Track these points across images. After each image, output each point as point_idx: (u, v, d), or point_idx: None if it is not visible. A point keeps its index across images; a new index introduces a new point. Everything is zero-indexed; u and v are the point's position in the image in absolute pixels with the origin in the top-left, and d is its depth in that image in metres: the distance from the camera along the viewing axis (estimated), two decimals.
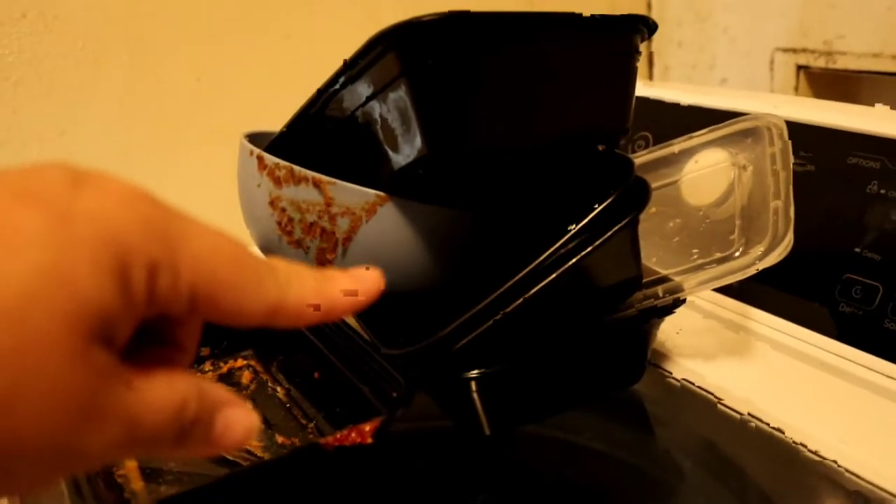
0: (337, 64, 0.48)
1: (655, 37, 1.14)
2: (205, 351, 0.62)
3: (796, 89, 1.01)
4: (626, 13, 0.49)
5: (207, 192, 0.90)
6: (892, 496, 0.46)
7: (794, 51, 1.00)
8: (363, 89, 0.47)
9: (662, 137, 0.68)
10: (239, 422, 0.26)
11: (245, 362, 0.62)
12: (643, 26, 0.49)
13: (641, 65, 1.15)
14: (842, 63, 0.95)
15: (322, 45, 0.94)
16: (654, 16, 1.15)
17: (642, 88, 0.80)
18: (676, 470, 0.54)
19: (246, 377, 0.60)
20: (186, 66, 0.88)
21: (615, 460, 0.54)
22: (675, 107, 0.76)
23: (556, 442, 0.54)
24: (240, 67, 0.91)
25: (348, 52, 0.46)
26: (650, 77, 1.16)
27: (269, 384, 0.59)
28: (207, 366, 0.61)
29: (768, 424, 0.53)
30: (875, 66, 0.92)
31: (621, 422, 0.57)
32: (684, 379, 0.58)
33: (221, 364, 0.62)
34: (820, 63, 0.97)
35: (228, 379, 0.60)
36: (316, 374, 0.56)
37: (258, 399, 0.58)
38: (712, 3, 1.07)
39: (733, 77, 1.08)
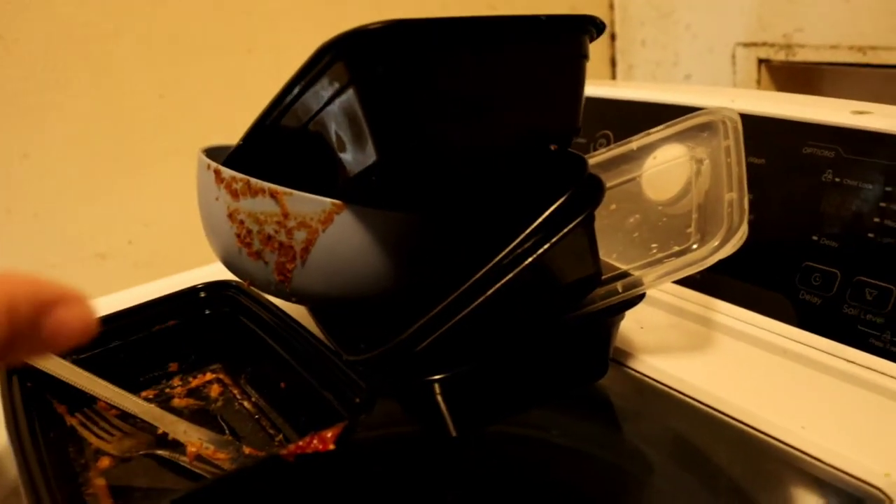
0: None
1: (619, 35, 1.16)
2: (173, 366, 0.62)
3: (758, 83, 1.02)
4: (585, 13, 0.50)
5: (174, 209, 0.91)
6: (852, 477, 0.47)
7: (755, 45, 1.01)
8: (314, 99, 0.48)
9: (624, 135, 0.69)
10: (73, 318, 0.26)
11: (214, 376, 0.62)
12: (591, 27, 0.50)
13: (605, 64, 1.16)
14: (801, 56, 0.96)
15: (285, 59, 0.94)
16: (617, 15, 1.16)
17: (603, 88, 0.81)
18: (645, 462, 0.55)
19: (215, 391, 0.60)
20: (149, 84, 0.88)
21: (584, 455, 0.55)
22: (636, 105, 0.77)
23: (524, 439, 0.55)
24: (203, 83, 0.91)
25: None
26: (613, 76, 1.17)
27: (238, 397, 0.59)
28: (176, 381, 0.61)
29: (731, 415, 0.54)
30: (833, 57, 0.93)
31: (588, 418, 0.57)
32: (648, 374, 0.59)
33: (190, 379, 0.62)
34: (780, 56, 0.99)
35: (198, 394, 0.60)
36: (282, 385, 0.56)
37: (227, 412, 0.58)
38: (674, 1, 1.09)
39: (697, 73, 1.09)
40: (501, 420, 0.54)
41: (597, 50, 1.16)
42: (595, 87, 0.80)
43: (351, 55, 0.44)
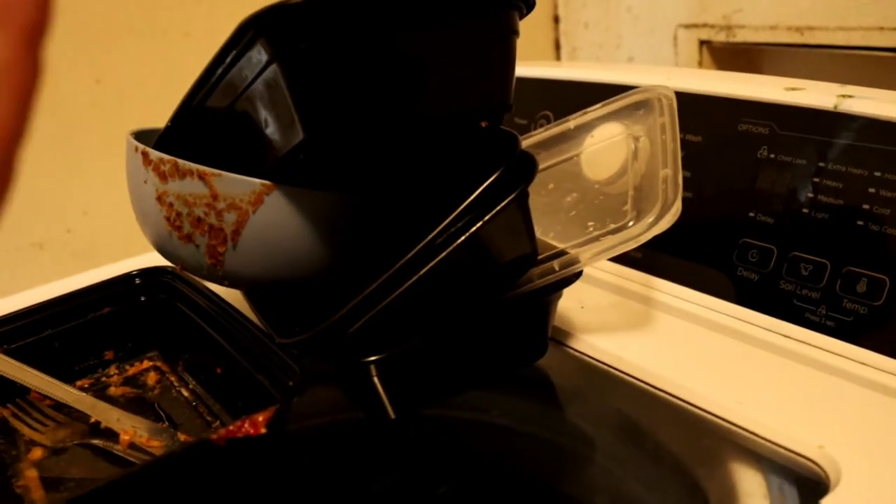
0: None
1: (563, 18, 1.16)
2: (109, 354, 0.61)
3: (700, 64, 1.02)
4: None
5: (114, 196, 0.89)
6: (787, 450, 0.47)
7: (696, 26, 1.01)
8: (239, 77, 0.47)
9: (564, 115, 0.69)
10: None
11: (151, 363, 0.61)
12: (520, 2, 0.49)
13: (550, 46, 1.16)
14: (741, 36, 0.97)
15: (222, 42, 0.92)
16: None
17: (544, 68, 0.80)
18: (587, 440, 0.55)
19: (152, 378, 0.59)
20: (85, 69, 0.86)
21: (525, 435, 0.55)
22: (576, 84, 0.77)
23: (463, 421, 0.54)
24: (141, 67, 0.89)
25: None
26: (558, 58, 1.17)
27: (175, 384, 0.58)
28: (112, 370, 0.60)
29: (670, 392, 0.54)
30: (772, 38, 0.94)
31: (529, 398, 0.57)
32: (588, 353, 0.59)
33: (127, 367, 0.61)
34: (721, 37, 0.99)
35: (134, 382, 0.59)
36: (218, 370, 0.55)
37: (164, 400, 0.57)
38: None
39: (639, 55, 1.09)
40: (441, 401, 0.54)
41: (541, 33, 1.16)
42: (535, 68, 0.80)
43: (272, 31, 0.43)
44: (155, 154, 0.50)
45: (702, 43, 1.01)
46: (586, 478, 0.52)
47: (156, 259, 0.58)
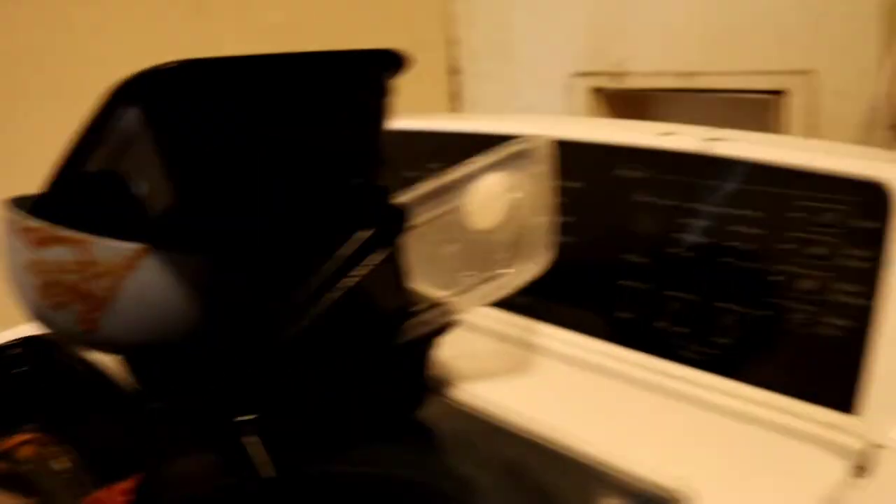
0: None
1: (463, 70, 1.18)
2: None
3: (593, 111, 1.05)
4: (385, 48, 0.50)
5: None
6: (648, 482, 0.48)
7: (588, 75, 1.04)
8: (110, 143, 0.47)
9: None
10: None
11: (28, 436, 0.59)
12: (388, 61, 0.50)
13: (444, 98, 1.19)
14: (629, 83, 1.00)
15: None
16: (462, 51, 1.18)
17: (434, 122, 0.82)
18: (465, 482, 0.55)
19: (27, 452, 0.57)
20: None
21: (405, 482, 0.54)
22: (466, 136, 0.78)
23: (344, 475, 0.54)
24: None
25: None
26: (454, 110, 1.19)
27: (55, 456, 0.57)
28: None
29: (544, 436, 0.54)
30: (659, 83, 0.98)
31: (408, 447, 0.57)
32: (468, 401, 0.59)
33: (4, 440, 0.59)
34: (612, 84, 1.02)
35: (7, 456, 0.57)
36: (98, 440, 0.54)
37: (41, 473, 0.55)
38: (511, 37, 1.12)
39: (536, 104, 1.12)
40: (321, 458, 0.53)
41: (436, 86, 1.18)
42: (425, 121, 0.81)
43: (143, 96, 0.43)
44: (24, 221, 0.49)
45: (594, 90, 1.05)
46: None
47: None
